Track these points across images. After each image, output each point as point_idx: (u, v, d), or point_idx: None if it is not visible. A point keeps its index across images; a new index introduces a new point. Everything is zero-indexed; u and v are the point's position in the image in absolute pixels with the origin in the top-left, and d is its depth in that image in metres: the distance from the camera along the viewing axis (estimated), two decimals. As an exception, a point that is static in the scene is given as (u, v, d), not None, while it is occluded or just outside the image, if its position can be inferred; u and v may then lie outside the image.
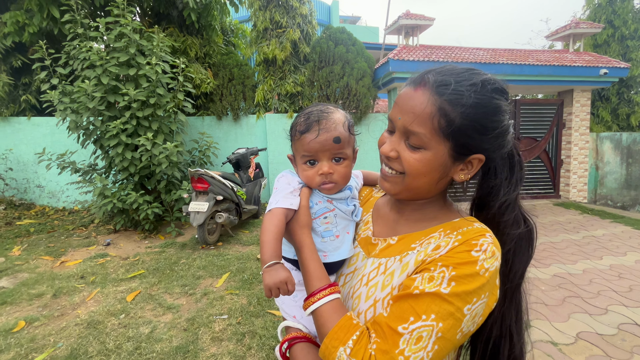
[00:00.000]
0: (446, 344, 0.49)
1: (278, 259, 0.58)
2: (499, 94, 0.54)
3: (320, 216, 0.68)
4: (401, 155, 0.57)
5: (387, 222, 0.68)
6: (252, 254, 3.75)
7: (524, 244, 0.61)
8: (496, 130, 0.54)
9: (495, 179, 0.59)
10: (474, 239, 0.52)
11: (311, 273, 0.60)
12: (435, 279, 0.50)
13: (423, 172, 0.56)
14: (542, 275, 3.24)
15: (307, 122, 0.66)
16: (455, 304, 0.48)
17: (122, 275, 3.19)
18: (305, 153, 0.67)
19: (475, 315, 0.50)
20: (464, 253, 0.51)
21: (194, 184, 3.91)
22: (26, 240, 4.18)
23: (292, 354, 0.61)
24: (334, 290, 0.58)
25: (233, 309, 2.56)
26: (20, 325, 2.35)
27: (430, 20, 6.02)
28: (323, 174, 0.66)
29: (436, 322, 0.48)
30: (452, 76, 0.54)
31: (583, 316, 2.51)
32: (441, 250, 0.53)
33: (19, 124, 5.47)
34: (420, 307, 0.49)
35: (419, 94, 0.54)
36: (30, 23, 4.70)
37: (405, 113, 0.55)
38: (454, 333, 0.49)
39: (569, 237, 4.41)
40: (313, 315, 0.57)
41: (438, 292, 0.49)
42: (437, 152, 0.54)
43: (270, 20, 6.14)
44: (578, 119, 6.70)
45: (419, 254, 0.56)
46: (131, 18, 4.18)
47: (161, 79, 4.26)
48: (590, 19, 7.89)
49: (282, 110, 6.28)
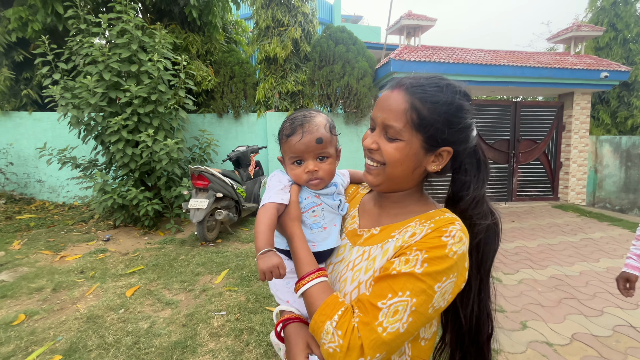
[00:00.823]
0: (419, 317, 0.56)
1: (271, 247, 0.64)
2: (462, 95, 0.64)
3: (308, 210, 0.75)
4: (381, 146, 0.65)
5: (371, 215, 0.76)
6: (250, 251, 3.77)
7: (492, 234, 0.68)
8: (460, 125, 0.62)
9: (466, 176, 0.68)
10: (444, 227, 0.59)
11: (301, 260, 0.67)
12: (410, 261, 0.57)
13: (400, 160, 0.64)
14: (539, 277, 3.26)
15: (292, 126, 0.74)
16: (427, 282, 0.55)
17: (121, 271, 3.21)
18: (292, 154, 0.75)
19: (445, 292, 0.57)
20: (435, 239, 0.58)
21: (194, 181, 3.93)
22: (26, 234, 4.20)
23: (286, 332, 0.67)
24: (321, 274, 0.65)
25: (231, 306, 2.58)
26: (21, 319, 2.37)
27: (432, 21, 6.02)
28: (309, 172, 0.74)
29: (410, 298, 0.55)
30: (423, 80, 0.64)
31: (578, 317, 2.54)
32: (416, 237, 0.61)
33: (19, 119, 5.47)
34: (397, 286, 0.56)
35: (395, 93, 0.64)
36: (33, 19, 4.70)
37: (384, 111, 0.64)
38: (426, 307, 0.56)
39: (566, 239, 4.43)
40: (303, 296, 0.64)
41: (412, 272, 0.56)
42: (411, 143, 0.63)
43: (272, 18, 6.14)
44: (578, 121, 6.71)
45: (397, 241, 0.64)
46: (133, 14, 4.19)
47: (163, 75, 4.27)
48: (593, 21, 7.90)
49: (283, 109, 6.29)
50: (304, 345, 0.64)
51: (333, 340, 0.56)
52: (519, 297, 2.86)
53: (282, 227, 0.73)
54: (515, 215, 5.76)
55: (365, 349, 0.54)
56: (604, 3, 7.74)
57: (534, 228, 4.97)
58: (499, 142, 6.71)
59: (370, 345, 0.54)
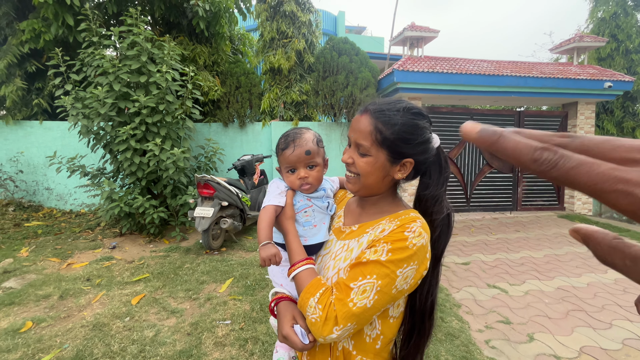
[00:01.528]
0: (383, 296, 0.68)
1: (270, 240, 0.80)
2: (417, 115, 0.76)
3: (301, 210, 0.89)
4: (355, 161, 0.79)
5: (353, 215, 0.90)
6: (255, 260, 3.78)
7: (446, 227, 0.80)
8: (416, 140, 0.74)
9: (430, 179, 0.80)
10: (407, 224, 0.72)
11: (293, 250, 0.81)
12: (378, 251, 0.70)
13: (370, 172, 0.77)
14: (546, 288, 3.23)
15: (286, 141, 0.89)
16: (390, 267, 0.68)
17: (127, 279, 3.23)
18: (286, 164, 0.89)
19: (407, 277, 0.69)
20: (399, 233, 0.71)
21: (200, 189, 3.97)
22: (34, 241, 4.25)
23: (278, 308, 0.81)
24: (309, 262, 0.79)
25: (236, 315, 2.58)
26: (28, 326, 2.39)
27: (435, 32, 6.12)
28: (301, 178, 0.88)
29: (376, 280, 0.68)
30: (385, 105, 0.76)
31: (587, 330, 2.50)
32: (385, 232, 0.73)
33: (30, 128, 5.59)
34: (366, 270, 0.69)
35: (363, 118, 0.77)
36: (46, 30, 4.85)
37: (355, 132, 0.78)
38: (390, 288, 0.68)
39: (573, 250, 4.38)
40: (294, 279, 0.78)
41: (378, 259, 0.69)
42: (378, 157, 0.76)
43: (276, 30, 6.28)
44: (582, 131, 6.70)
45: (370, 235, 0.77)
46: (144, 27, 4.31)
47: (171, 86, 4.36)
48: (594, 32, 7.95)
49: (288, 118, 6.36)
50: (291, 317, 0.77)
51: (315, 313, 0.69)
52: (526, 308, 2.83)
53: (279, 225, 0.87)
54: (520, 225, 5.72)
55: (339, 319, 0.67)
56: (604, 14, 7.80)
57: (539, 238, 4.93)
58: (503, 152, 6.70)
59: (343, 316, 0.67)
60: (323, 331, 0.68)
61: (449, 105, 7.86)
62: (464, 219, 6.23)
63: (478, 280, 3.41)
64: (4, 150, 5.57)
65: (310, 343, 0.72)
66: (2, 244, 4.11)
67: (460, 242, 4.73)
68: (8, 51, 5.15)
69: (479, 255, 4.20)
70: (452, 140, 6.49)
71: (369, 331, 0.77)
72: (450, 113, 6.49)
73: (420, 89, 5.83)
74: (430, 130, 0.77)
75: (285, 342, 0.75)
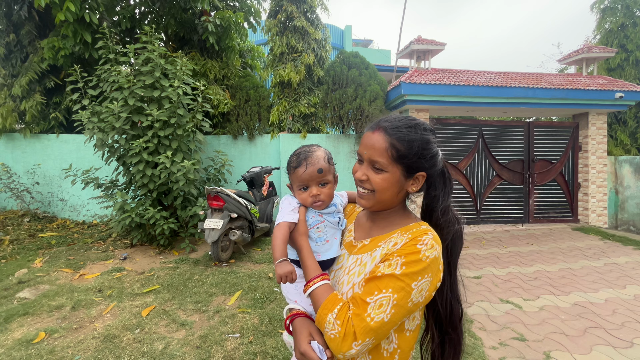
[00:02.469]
0: (400, 309, 0.69)
1: (285, 257, 0.82)
2: (428, 131, 0.79)
3: (314, 227, 0.90)
4: (370, 178, 0.80)
5: (364, 229, 0.91)
6: (263, 272, 3.77)
7: (458, 236, 0.83)
8: (429, 154, 0.78)
9: (436, 191, 0.82)
10: (419, 237, 0.73)
11: (309, 267, 0.82)
12: (392, 265, 0.71)
13: (386, 188, 0.79)
14: (562, 304, 3.13)
15: (298, 160, 0.91)
16: (405, 281, 0.69)
17: (137, 290, 3.25)
18: (299, 182, 0.90)
19: (422, 289, 0.70)
20: (411, 246, 0.72)
21: (210, 201, 4.02)
22: (48, 252, 4.33)
23: (294, 325, 0.81)
24: (324, 278, 0.80)
25: (245, 328, 2.57)
26: (41, 337, 2.42)
27: (441, 45, 6.18)
28: (313, 196, 0.89)
29: (392, 294, 0.68)
30: (397, 122, 0.79)
31: (607, 349, 2.41)
32: (397, 246, 0.74)
33: (47, 141, 5.78)
34: (382, 285, 0.70)
35: (377, 135, 0.79)
36: (63, 47, 5.07)
37: (369, 149, 0.79)
38: (405, 301, 0.69)
39: (589, 264, 4.26)
40: (311, 295, 0.79)
41: (393, 273, 0.70)
42: (394, 173, 0.78)
43: (286, 45, 6.43)
44: (594, 142, 6.60)
45: (383, 249, 0.78)
46: (158, 44, 4.47)
47: (182, 100, 4.49)
48: (602, 43, 7.91)
49: (296, 130, 6.44)
50: (307, 333, 0.77)
51: (334, 329, 0.70)
52: (541, 325, 2.75)
53: (293, 241, 0.88)
54: (533, 238, 5.60)
55: (358, 334, 0.68)
56: (612, 26, 7.77)
57: (553, 251, 4.81)
58: (513, 163, 6.63)
59: (361, 331, 0.68)
60: (342, 347, 0.69)
61: (457, 116, 7.86)
62: (474, 231, 6.13)
63: (490, 295, 3.33)
64: (22, 163, 5.75)
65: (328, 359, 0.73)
66: (17, 255, 4.20)
67: (471, 255, 4.64)
68: (29, 68, 5.39)
69: (491, 268, 4.11)
70: (461, 152, 6.45)
71: (386, 345, 0.77)
72: (458, 125, 6.48)
73: (427, 100, 5.85)
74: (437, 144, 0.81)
75: (302, 359, 0.75)
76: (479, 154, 6.54)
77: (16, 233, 4.84)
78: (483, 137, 6.51)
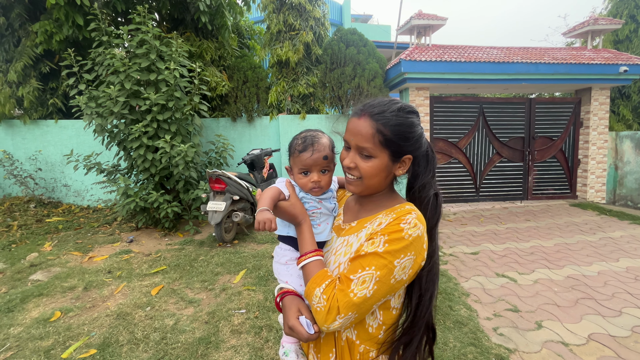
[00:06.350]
0: (382, 286, 0.72)
1: (269, 207, 0.83)
2: (412, 114, 0.81)
3: (310, 212, 0.94)
4: (358, 164, 0.81)
5: (352, 212, 0.94)
6: (267, 251, 3.89)
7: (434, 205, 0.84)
8: (414, 137, 0.80)
9: (419, 168, 0.84)
10: (403, 216, 0.76)
11: (306, 240, 0.86)
12: (375, 243, 0.74)
13: (375, 174, 0.81)
14: (555, 277, 3.24)
15: (304, 144, 0.91)
16: (387, 258, 0.71)
17: (145, 271, 3.37)
18: (301, 166, 0.92)
19: (405, 267, 0.73)
20: (395, 225, 0.74)
21: (212, 184, 4.07)
22: (56, 236, 4.45)
23: (283, 302, 0.86)
24: (318, 254, 0.84)
25: (250, 304, 2.69)
26: (57, 316, 2.55)
27: (442, 20, 6.00)
28: (314, 182, 0.91)
29: (375, 271, 0.71)
30: (382, 106, 0.79)
31: (596, 318, 2.52)
32: (382, 225, 0.77)
33: (47, 127, 5.77)
34: (365, 262, 0.73)
35: (362, 121, 0.79)
36: (57, 31, 4.96)
37: (355, 135, 0.80)
38: (388, 278, 0.72)
39: (584, 239, 4.35)
40: (303, 269, 0.83)
41: (376, 251, 0.72)
42: (382, 158, 0.80)
43: (283, 23, 6.25)
44: (596, 117, 6.54)
45: (368, 229, 0.81)
46: (152, 25, 4.37)
47: (179, 83, 4.43)
48: (612, 14, 7.66)
49: (295, 112, 6.39)
50: (296, 309, 0.81)
51: (320, 302, 0.74)
52: (534, 297, 2.86)
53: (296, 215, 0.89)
54: (531, 214, 5.69)
55: (341, 309, 0.72)
56: (622, -6, 7.49)
57: (550, 227, 4.90)
58: (514, 140, 6.61)
59: (344, 306, 0.71)
60: (326, 320, 0.73)
61: (458, 94, 7.74)
62: (474, 208, 6.22)
63: (487, 270, 3.44)
64: (23, 149, 5.77)
65: (315, 333, 0.76)
66: (27, 239, 4.32)
67: (469, 232, 4.74)
68: (23, 53, 5.29)
69: (488, 244, 4.21)
70: (461, 130, 6.42)
71: (371, 321, 0.81)
72: (459, 102, 6.41)
73: (428, 78, 5.76)
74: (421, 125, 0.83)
75: (291, 333, 0.78)
76: (479, 132, 6.51)
77: (23, 218, 4.95)
78: (484, 114, 6.45)
